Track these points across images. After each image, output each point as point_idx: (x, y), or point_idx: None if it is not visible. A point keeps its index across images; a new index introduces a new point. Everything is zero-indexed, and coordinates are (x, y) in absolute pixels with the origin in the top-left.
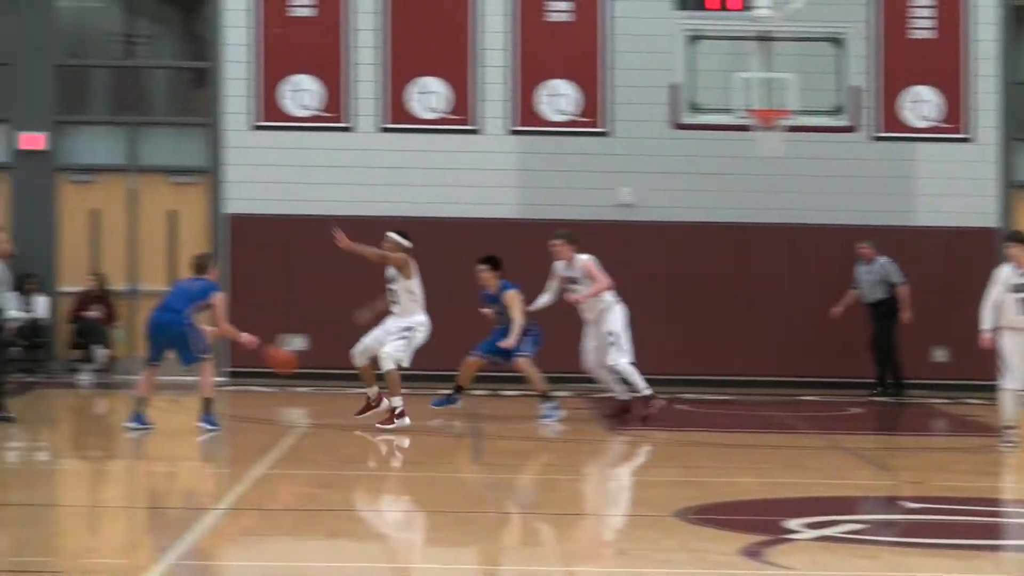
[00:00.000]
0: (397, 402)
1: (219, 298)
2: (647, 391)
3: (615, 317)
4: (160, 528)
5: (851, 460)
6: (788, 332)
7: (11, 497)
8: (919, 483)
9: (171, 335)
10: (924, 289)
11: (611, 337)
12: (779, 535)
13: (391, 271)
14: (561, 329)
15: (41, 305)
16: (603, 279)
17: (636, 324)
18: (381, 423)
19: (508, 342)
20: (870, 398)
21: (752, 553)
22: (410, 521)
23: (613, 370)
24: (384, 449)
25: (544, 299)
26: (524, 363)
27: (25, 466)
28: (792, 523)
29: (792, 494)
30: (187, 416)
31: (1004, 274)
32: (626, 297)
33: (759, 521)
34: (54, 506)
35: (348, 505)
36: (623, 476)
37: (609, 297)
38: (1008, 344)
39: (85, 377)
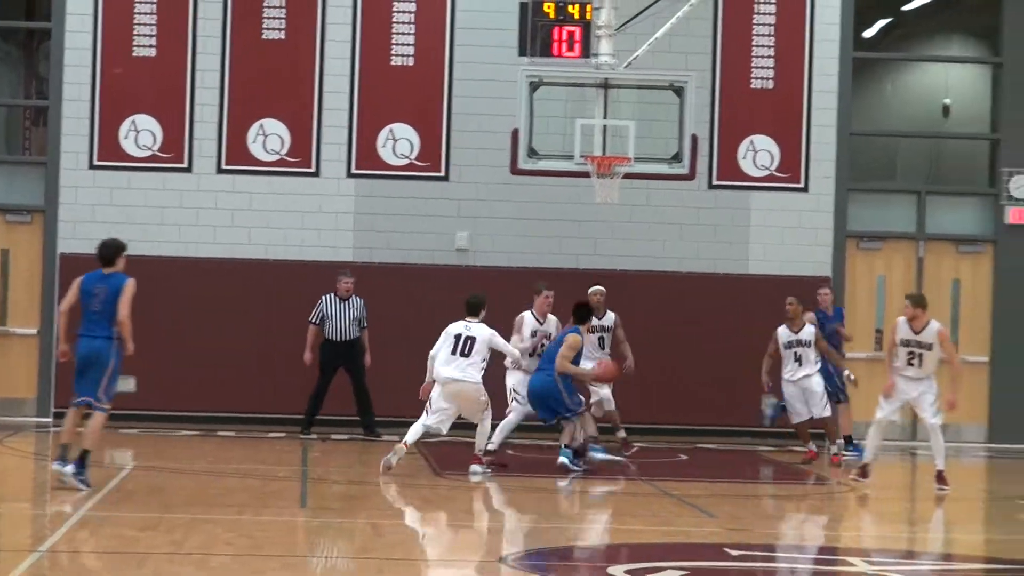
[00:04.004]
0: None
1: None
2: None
3: None
4: None
5: (677, 507)
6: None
7: None
8: (743, 530)
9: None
10: (757, 337)
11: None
12: None
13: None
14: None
15: None
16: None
17: None
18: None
19: None
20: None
21: None
22: (233, 565)
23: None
24: (210, 492)
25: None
26: None
27: None
28: (615, 570)
29: (618, 540)
30: (10, 458)
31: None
32: None
33: (582, 567)
34: None
35: (170, 548)
36: (452, 521)
37: None
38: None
39: None
